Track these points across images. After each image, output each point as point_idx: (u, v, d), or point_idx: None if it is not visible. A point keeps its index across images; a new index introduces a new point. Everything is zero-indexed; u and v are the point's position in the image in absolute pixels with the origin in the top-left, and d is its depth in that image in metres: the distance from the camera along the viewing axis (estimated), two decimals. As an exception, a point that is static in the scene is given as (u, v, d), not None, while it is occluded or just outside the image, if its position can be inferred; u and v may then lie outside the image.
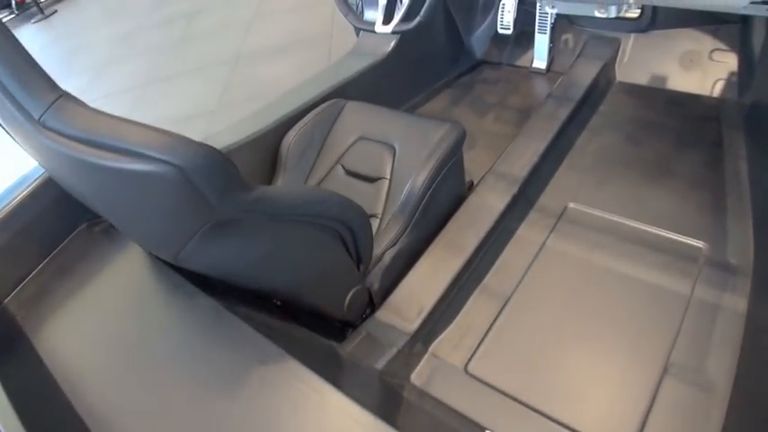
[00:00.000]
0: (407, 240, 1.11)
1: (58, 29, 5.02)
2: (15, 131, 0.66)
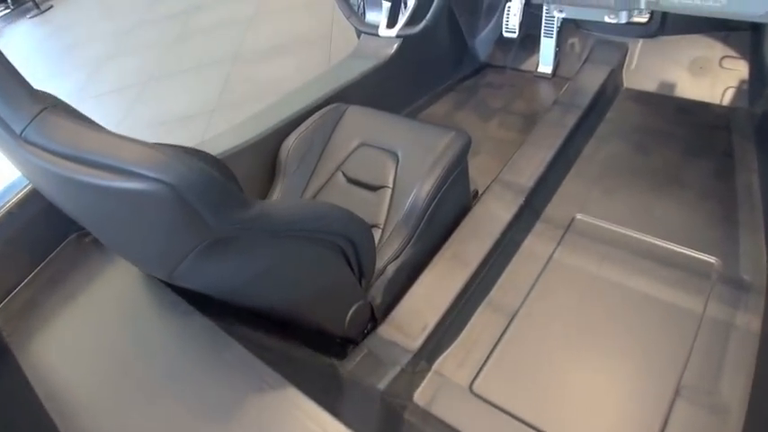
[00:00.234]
0: (411, 252, 1.08)
1: (54, 24, 4.96)
2: None
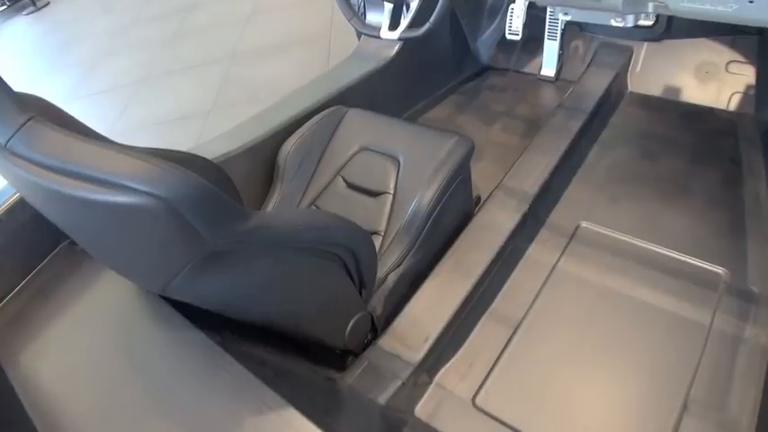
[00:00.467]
0: (412, 261, 1.05)
1: (51, 21, 4.91)
2: None
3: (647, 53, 1.62)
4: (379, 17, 1.49)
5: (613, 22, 1.23)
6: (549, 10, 1.63)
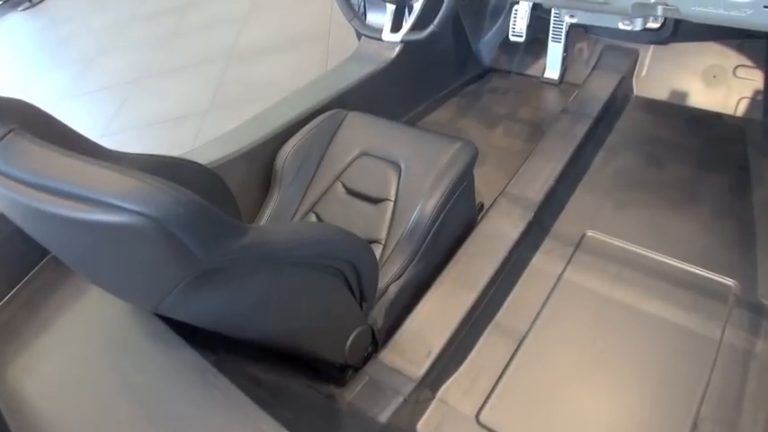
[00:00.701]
0: (414, 272, 1.02)
1: (46, 17, 4.85)
2: None
3: (654, 56, 1.59)
4: (379, 18, 1.45)
5: (621, 25, 1.20)
6: (554, 12, 1.60)
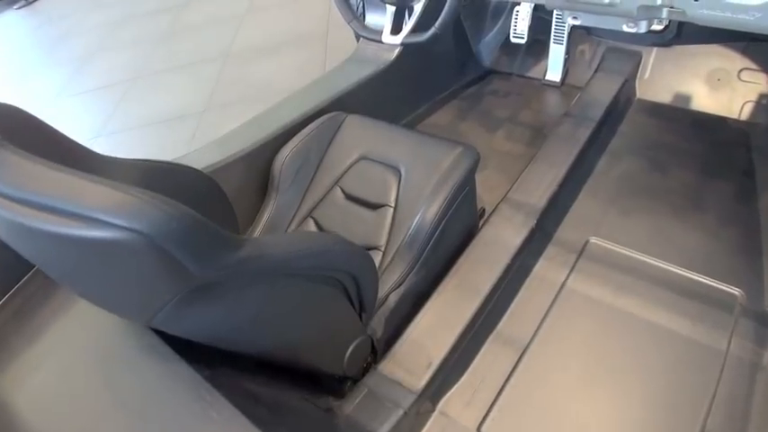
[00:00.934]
0: (414, 280, 1.00)
1: (42, 16, 4.80)
2: None
3: (657, 59, 1.57)
4: (378, 19, 1.43)
5: (625, 28, 1.17)
6: (556, 13, 1.58)
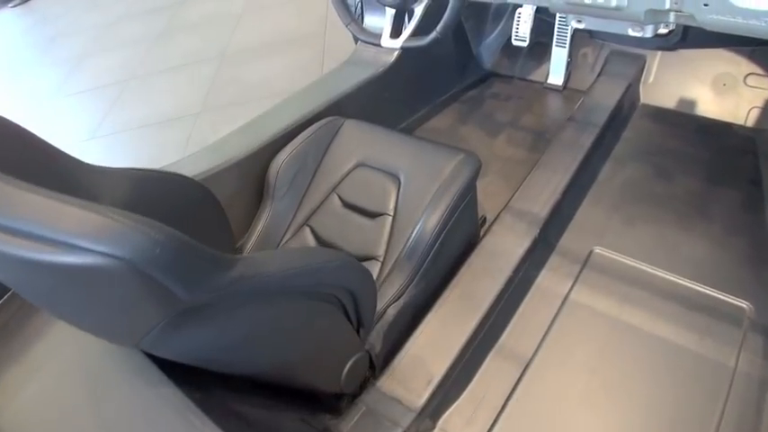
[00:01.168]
0: (414, 292, 0.96)
1: (37, 15, 4.75)
2: None
3: (661, 63, 1.54)
4: (377, 21, 1.40)
5: (631, 32, 1.15)
6: (559, 16, 1.55)
